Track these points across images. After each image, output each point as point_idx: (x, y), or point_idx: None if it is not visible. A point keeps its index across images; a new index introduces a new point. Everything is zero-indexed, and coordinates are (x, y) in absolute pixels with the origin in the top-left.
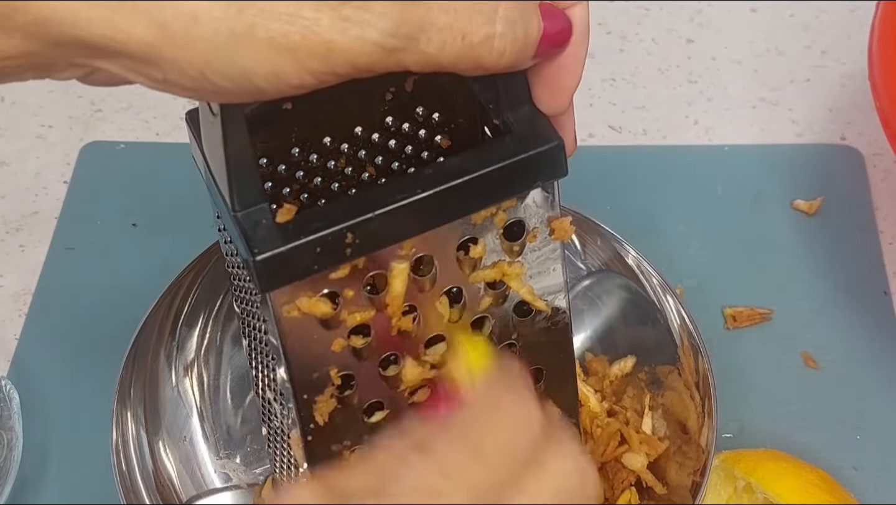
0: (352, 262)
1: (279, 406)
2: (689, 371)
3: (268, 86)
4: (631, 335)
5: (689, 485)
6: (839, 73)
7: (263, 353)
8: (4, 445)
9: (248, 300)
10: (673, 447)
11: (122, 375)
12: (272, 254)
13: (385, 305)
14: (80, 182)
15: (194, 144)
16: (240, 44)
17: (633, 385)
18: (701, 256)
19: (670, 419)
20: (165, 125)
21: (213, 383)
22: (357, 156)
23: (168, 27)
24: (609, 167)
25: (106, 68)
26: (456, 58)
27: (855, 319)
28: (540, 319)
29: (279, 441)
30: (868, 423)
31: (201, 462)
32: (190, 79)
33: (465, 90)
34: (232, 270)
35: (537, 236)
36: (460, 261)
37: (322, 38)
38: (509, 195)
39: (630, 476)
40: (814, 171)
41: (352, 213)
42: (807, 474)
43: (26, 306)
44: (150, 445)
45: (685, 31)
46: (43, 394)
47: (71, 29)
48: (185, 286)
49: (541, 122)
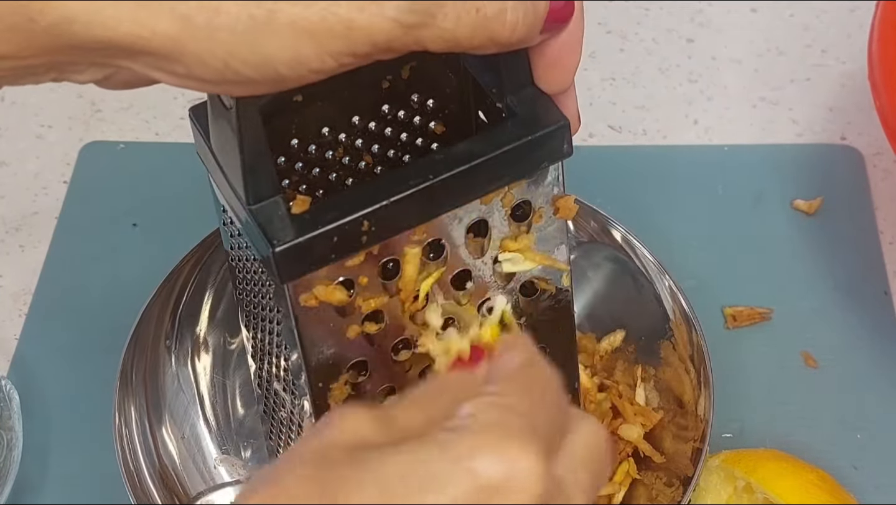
0: (367, 249)
1: (289, 396)
2: (683, 344)
3: (289, 72)
4: (619, 308)
5: (689, 452)
6: (839, 72)
7: (273, 343)
8: (4, 445)
9: (256, 292)
10: (667, 417)
11: (123, 365)
12: (291, 245)
13: (398, 290)
14: (80, 182)
15: (200, 139)
16: (261, 30)
17: (623, 358)
18: (701, 255)
19: (666, 393)
20: (165, 125)
21: (216, 376)
22: (354, 145)
23: (191, 19)
24: (609, 167)
25: (128, 67)
26: (472, 32)
27: (855, 319)
28: (544, 298)
29: (287, 432)
30: (868, 423)
31: (206, 456)
32: (213, 71)
33: (460, 75)
34: (238, 263)
35: (543, 216)
36: (469, 243)
37: (341, 17)
38: (519, 176)
39: (627, 447)
40: (814, 171)
41: (367, 201)
42: (807, 474)
43: (26, 306)
44: (153, 440)
45: (685, 30)
46: (43, 394)
47: (95, 28)
48: (184, 275)
49: (545, 104)
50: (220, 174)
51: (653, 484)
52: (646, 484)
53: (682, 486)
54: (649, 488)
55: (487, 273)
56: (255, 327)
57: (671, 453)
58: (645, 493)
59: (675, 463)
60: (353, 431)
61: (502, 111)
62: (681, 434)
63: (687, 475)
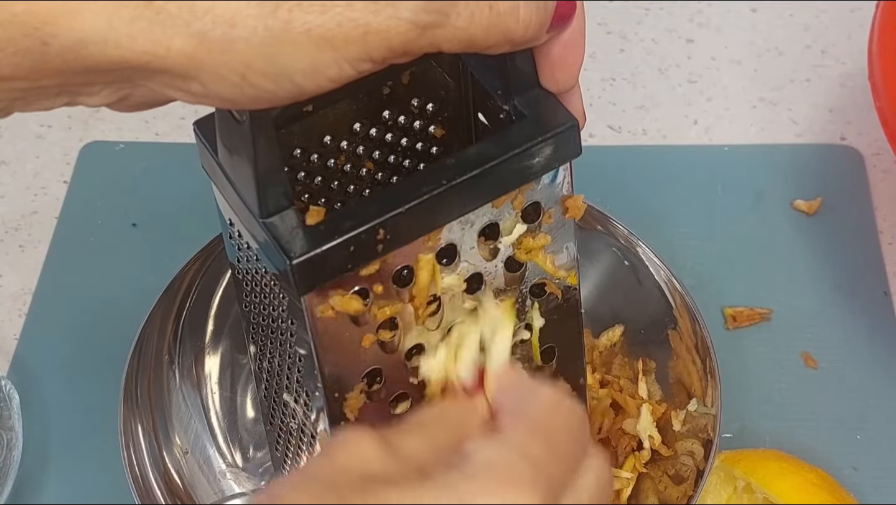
0: (382, 257)
1: (301, 407)
2: (687, 333)
3: (307, 82)
4: (618, 303)
5: (698, 445)
6: (839, 73)
7: (286, 354)
8: (4, 445)
9: (266, 304)
10: (673, 409)
11: (127, 380)
12: (309, 256)
13: (412, 296)
14: (80, 182)
15: (206, 153)
16: (277, 41)
17: (623, 352)
18: (701, 256)
19: (676, 386)
20: (165, 125)
21: (221, 388)
22: (356, 152)
23: (206, 35)
24: (609, 167)
25: (143, 87)
26: (486, 30)
27: (855, 319)
28: (553, 298)
29: (297, 443)
30: (868, 423)
31: (212, 468)
32: (231, 85)
33: (459, 78)
34: (245, 276)
35: (552, 217)
36: (481, 247)
37: (357, 22)
38: (531, 178)
39: (632, 441)
40: (814, 171)
41: (382, 210)
42: (807, 474)
43: (26, 306)
44: (158, 446)
45: (685, 31)
46: (43, 394)
47: (110, 49)
48: (187, 282)
49: (552, 105)
50: (229, 188)
51: (660, 478)
52: (652, 477)
53: (693, 480)
54: (656, 482)
55: (499, 276)
56: (265, 339)
57: (678, 447)
58: (652, 486)
59: (683, 457)
60: (361, 458)
61: (505, 113)
62: (688, 427)
63: (698, 469)
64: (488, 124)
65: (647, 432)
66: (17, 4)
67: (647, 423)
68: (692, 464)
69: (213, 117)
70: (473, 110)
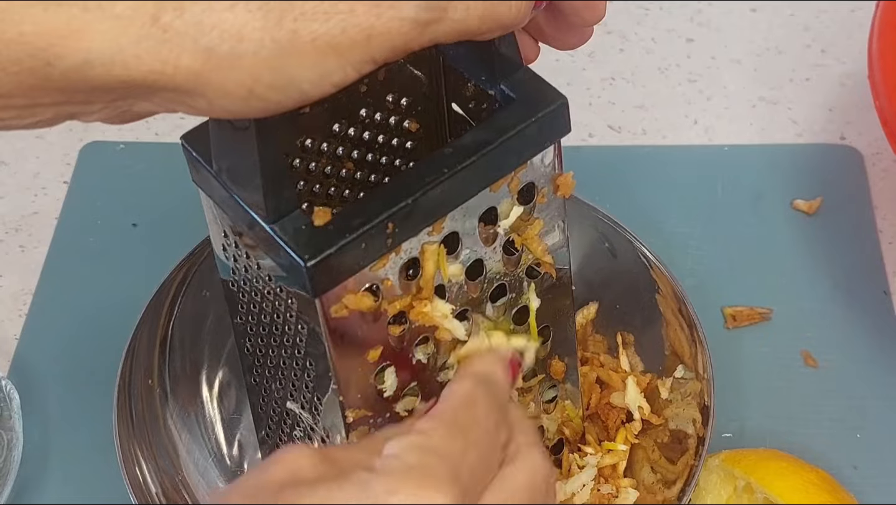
0: (391, 251)
1: (309, 413)
2: (671, 297)
3: (313, 88)
4: (593, 276)
5: (693, 412)
6: (839, 72)
7: (294, 361)
8: (4, 445)
9: (269, 312)
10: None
11: (121, 378)
12: (323, 256)
13: (419, 288)
14: (80, 182)
15: (198, 166)
16: (284, 52)
17: (600, 329)
18: (701, 255)
19: (669, 354)
20: (165, 125)
21: (219, 403)
22: (335, 153)
23: (214, 51)
24: (609, 167)
25: (144, 102)
26: (480, 19)
27: (855, 319)
28: (547, 277)
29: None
30: (868, 423)
31: (209, 466)
32: (237, 99)
33: (430, 69)
34: (242, 287)
35: (545, 196)
36: (481, 232)
37: (361, 27)
38: (526, 158)
39: (621, 414)
40: (813, 171)
41: (389, 203)
42: (807, 474)
43: (26, 306)
44: (154, 448)
45: (685, 30)
46: (43, 394)
47: (116, 69)
48: (175, 286)
49: (539, 84)
50: (227, 198)
51: (652, 448)
52: (644, 447)
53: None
54: (648, 452)
55: (497, 260)
56: (264, 350)
57: (667, 414)
58: (644, 455)
59: (678, 423)
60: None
61: (482, 100)
62: (676, 394)
63: (699, 435)
64: (463, 114)
65: (636, 404)
66: (25, 24)
67: (635, 394)
68: (693, 432)
69: (198, 130)
70: (447, 101)
